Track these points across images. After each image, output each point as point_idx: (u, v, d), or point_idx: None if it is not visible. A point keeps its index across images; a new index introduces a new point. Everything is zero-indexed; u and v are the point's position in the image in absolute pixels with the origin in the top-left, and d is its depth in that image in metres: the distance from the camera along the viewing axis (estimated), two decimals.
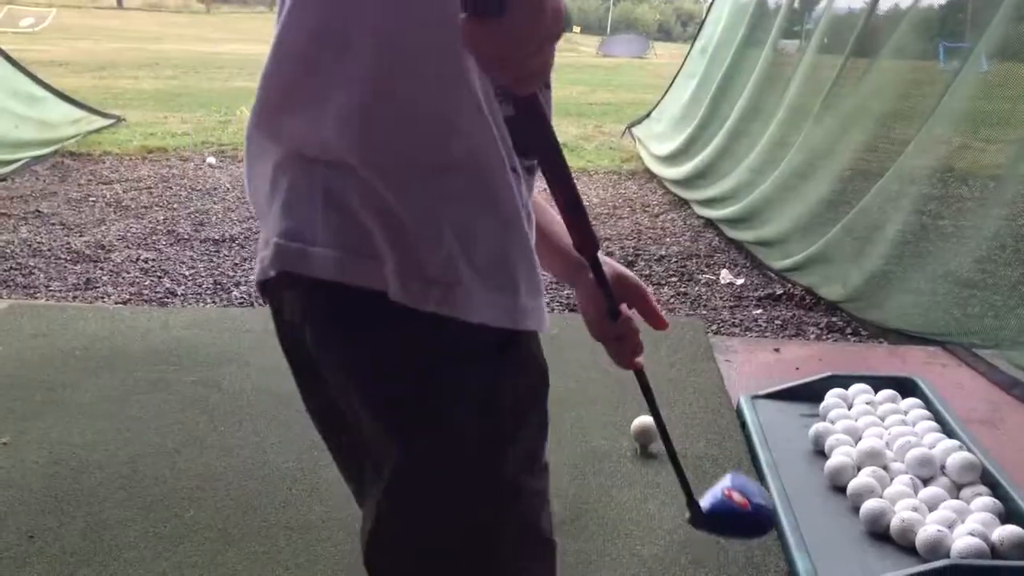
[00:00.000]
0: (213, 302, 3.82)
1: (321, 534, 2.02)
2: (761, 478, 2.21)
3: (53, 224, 4.93)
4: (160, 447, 2.39)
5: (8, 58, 7.39)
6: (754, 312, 3.82)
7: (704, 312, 3.81)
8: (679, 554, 1.95)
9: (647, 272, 4.38)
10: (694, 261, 4.61)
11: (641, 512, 2.12)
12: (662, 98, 8.49)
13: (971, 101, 3.73)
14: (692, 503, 1.20)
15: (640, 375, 1.26)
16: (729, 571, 1.89)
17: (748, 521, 1.24)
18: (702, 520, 1.20)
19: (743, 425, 2.51)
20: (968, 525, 1.85)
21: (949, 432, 2.27)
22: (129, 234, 4.79)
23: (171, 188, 6.01)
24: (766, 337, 3.52)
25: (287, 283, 0.98)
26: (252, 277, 4.09)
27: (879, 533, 1.94)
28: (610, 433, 2.51)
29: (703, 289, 4.14)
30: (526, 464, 1.07)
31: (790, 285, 4.05)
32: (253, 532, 2.02)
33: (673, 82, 8.31)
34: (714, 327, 3.60)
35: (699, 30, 8.15)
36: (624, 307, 1.20)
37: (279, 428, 2.51)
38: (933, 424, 2.32)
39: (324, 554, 1.95)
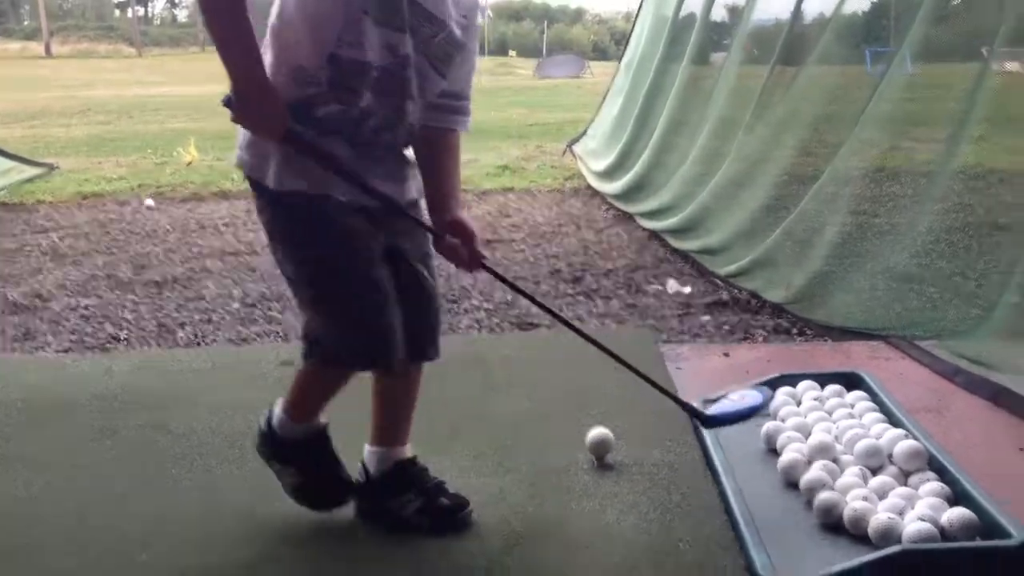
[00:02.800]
0: (158, 345, 3.76)
1: (279, 570, 1.99)
2: (717, 479, 2.24)
3: None
4: (109, 494, 2.34)
5: None
6: (702, 319, 3.86)
7: (653, 322, 3.84)
8: (639, 560, 1.95)
9: (595, 286, 4.41)
10: (641, 273, 4.65)
11: (600, 523, 2.12)
12: (595, 115, 8.59)
13: (898, 103, 3.85)
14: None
15: (488, 270, 2.22)
16: (689, 572, 1.90)
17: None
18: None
19: (696, 429, 2.53)
20: (917, 510, 1.89)
21: (895, 422, 2.31)
22: (68, 282, 4.70)
23: (109, 233, 5.91)
24: (715, 343, 3.56)
25: None
26: (197, 318, 4.05)
27: (833, 524, 1.97)
28: (566, 449, 2.51)
29: (651, 300, 4.18)
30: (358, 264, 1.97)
31: (736, 290, 4.11)
32: (208, 572, 1.98)
33: (604, 99, 8.42)
34: (664, 336, 3.63)
35: (625, 46, 8.28)
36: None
37: (230, 466, 2.47)
38: (879, 415, 2.37)
39: None
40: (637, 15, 7.96)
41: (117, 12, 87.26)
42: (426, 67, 1.91)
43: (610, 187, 6.53)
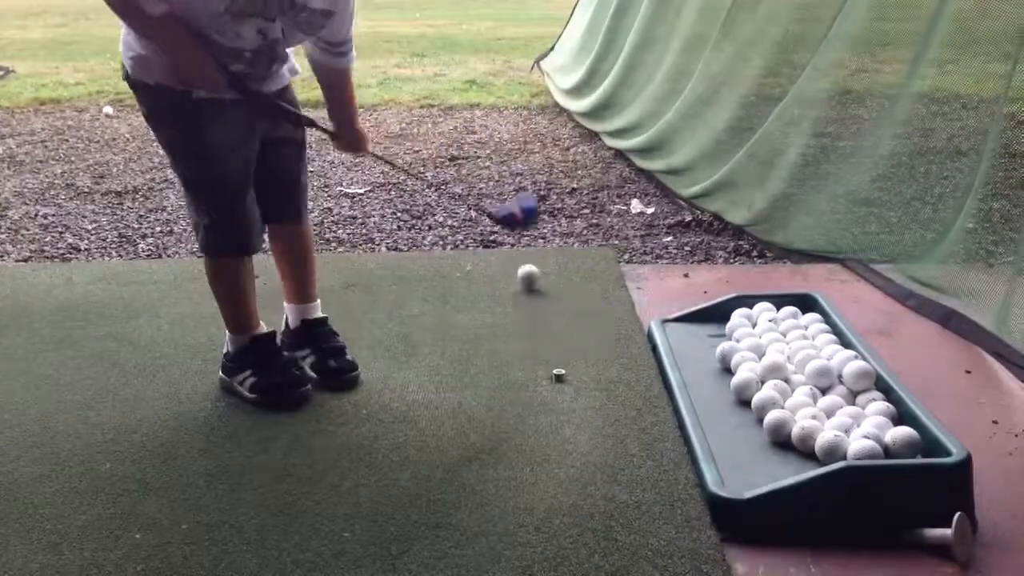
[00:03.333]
0: (119, 255, 3.73)
1: (242, 478, 2.03)
2: (672, 397, 2.29)
3: None
4: (71, 403, 2.35)
5: None
6: (664, 240, 3.89)
7: (616, 242, 3.87)
8: (595, 474, 2.02)
9: (560, 205, 4.42)
10: (605, 192, 4.66)
11: (558, 437, 2.18)
12: (563, 31, 8.45)
13: (865, 22, 3.81)
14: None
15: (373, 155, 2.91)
16: (643, 486, 1.96)
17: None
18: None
19: (654, 348, 2.59)
20: (863, 429, 1.95)
21: (846, 344, 2.37)
22: (26, 190, 4.62)
23: (67, 141, 5.79)
24: (676, 264, 3.60)
25: None
26: (158, 229, 4.02)
27: (782, 442, 2.03)
28: (526, 364, 2.56)
29: (615, 220, 4.20)
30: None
31: (698, 212, 4.14)
32: (172, 481, 2.02)
33: (572, 13, 8.28)
34: (626, 256, 3.67)
35: None
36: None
37: (193, 378, 2.49)
38: (832, 337, 2.43)
39: (245, 498, 1.96)
40: None
41: None
42: (296, 36, 2.28)
43: (577, 104, 6.47)
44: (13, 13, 17.44)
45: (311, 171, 5.05)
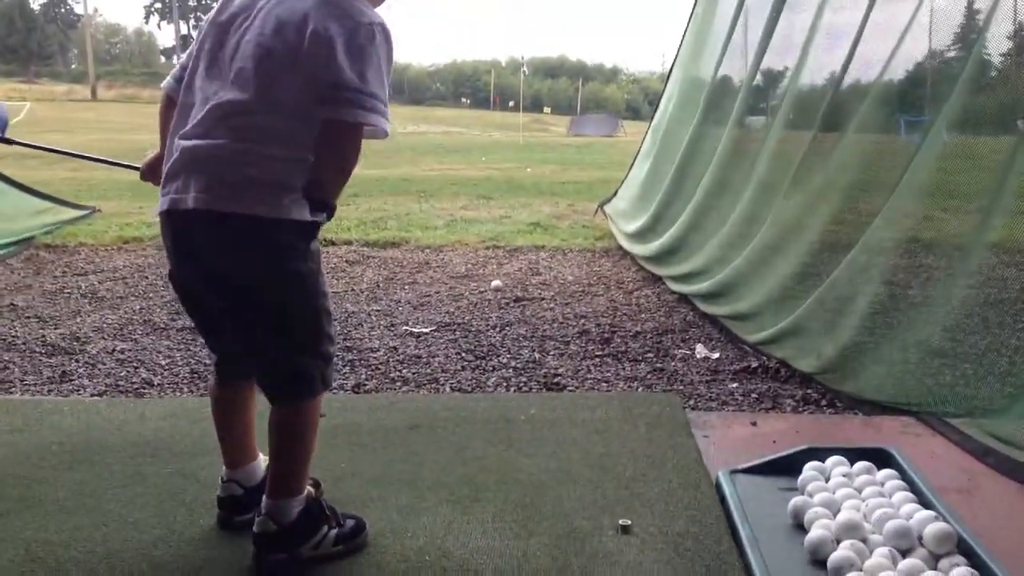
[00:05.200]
0: (190, 391, 3.81)
1: None
2: (742, 553, 2.22)
3: (28, 317, 4.92)
4: (138, 542, 2.36)
5: None
6: (730, 386, 3.85)
7: (681, 387, 3.84)
8: None
9: (624, 348, 4.42)
10: (669, 336, 4.66)
11: None
12: (625, 176, 8.66)
13: (933, 173, 3.84)
14: None
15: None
16: None
17: None
18: None
19: (722, 500, 2.52)
20: None
21: (925, 503, 2.29)
22: (105, 325, 4.78)
23: (147, 278, 6.02)
24: (743, 411, 3.55)
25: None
26: None
27: None
28: (591, 513, 2.51)
29: (679, 364, 4.18)
30: None
31: (765, 358, 4.10)
32: None
33: (633, 162, 8.49)
34: (691, 402, 3.63)
35: (654, 110, 8.35)
36: None
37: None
38: (909, 495, 2.34)
39: None
40: (667, 80, 8.03)
41: (163, 58, 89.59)
42: None
43: (641, 248, 6.55)
44: (100, 154, 18.47)
45: (377, 309, 5.17)
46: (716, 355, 4.27)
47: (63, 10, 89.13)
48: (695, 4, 7.00)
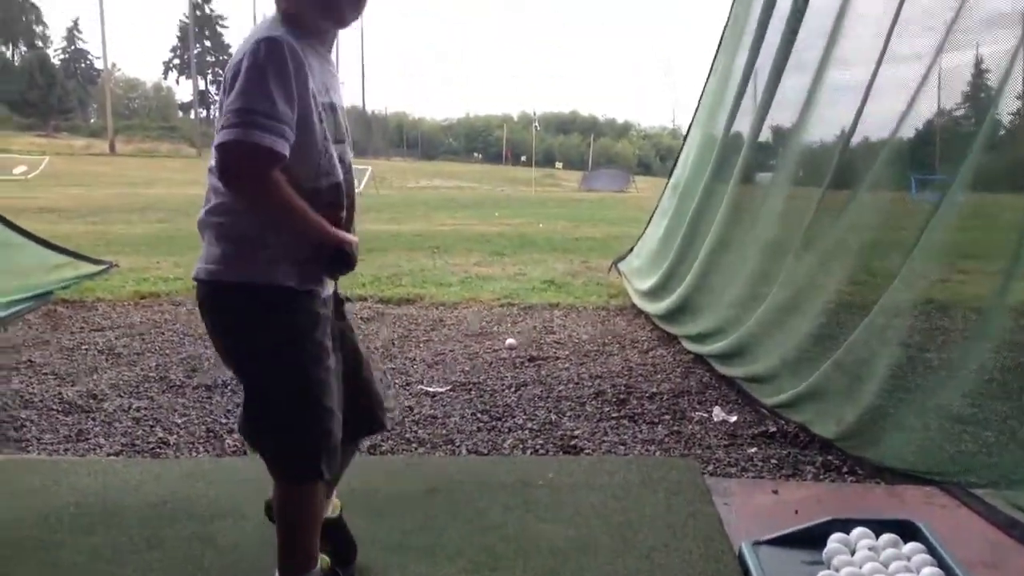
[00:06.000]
0: (206, 451, 3.80)
1: None
2: None
3: (45, 374, 4.94)
4: None
5: None
6: (749, 451, 3.82)
7: (699, 451, 3.81)
8: None
9: (640, 410, 4.40)
10: (686, 398, 4.63)
11: None
12: (642, 234, 8.69)
13: (950, 233, 3.83)
14: None
15: None
16: None
17: None
18: None
19: (746, 573, 2.49)
20: None
21: None
22: (121, 382, 4.79)
23: (164, 334, 6.04)
24: (763, 477, 3.51)
25: None
26: None
27: None
28: None
29: (697, 427, 4.15)
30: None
31: (783, 422, 4.07)
32: None
33: (650, 219, 8.52)
34: (710, 467, 3.60)
35: (672, 167, 8.39)
36: None
37: None
38: (937, 570, 2.31)
39: None
40: (686, 137, 8.09)
41: (180, 113, 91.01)
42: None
43: (654, 307, 6.55)
44: (119, 209, 18.70)
45: (392, 368, 5.17)
46: (734, 418, 4.24)
47: (83, 65, 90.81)
48: (713, 61, 7.08)
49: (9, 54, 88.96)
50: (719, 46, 6.99)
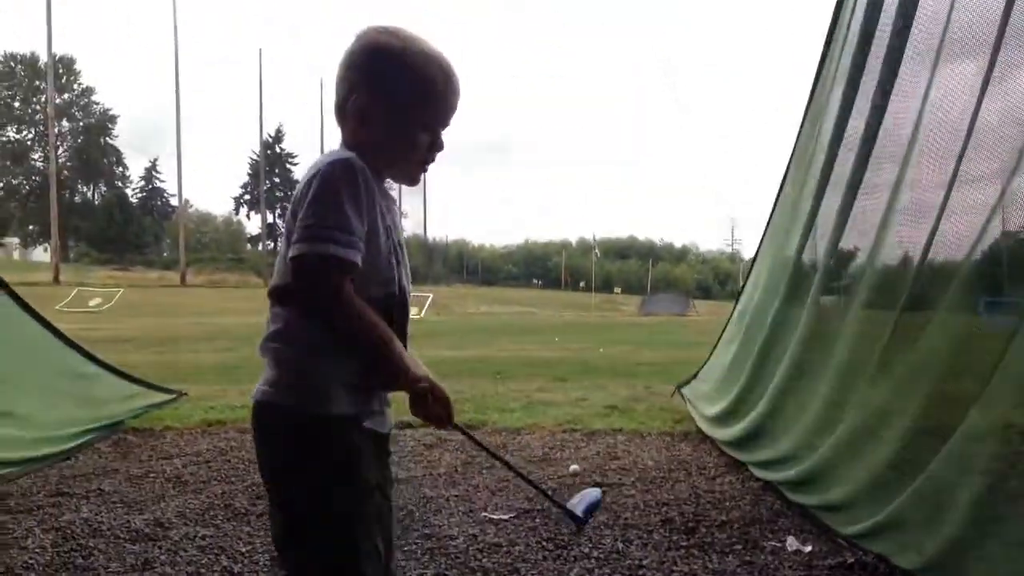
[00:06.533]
0: None
1: None
2: None
3: (114, 502, 4.99)
4: None
5: (69, 341, 7.44)
6: None
7: None
8: None
9: (709, 539, 4.27)
10: (757, 527, 4.49)
11: None
12: (708, 359, 8.61)
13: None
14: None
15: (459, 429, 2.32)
16: None
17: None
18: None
19: None
20: None
21: None
22: (187, 510, 4.82)
23: (230, 461, 6.09)
24: None
25: None
26: None
27: None
28: None
29: (770, 557, 4.01)
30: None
31: (861, 552, 3.91)
32: None
33: (716, 345, 8.44)
34: None
35: (738, 296, 8.36)
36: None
37: None
38: None
39: None
40: (752, 264, 8.09)
41: (248, 246, 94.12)
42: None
43: (722, 433, 6.43)
44: (188, 339, 19.17)
45: (456, 495, 5.13)
46: (808, 548, 4.09)
47: (159, 203, 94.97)
48: (781, 188, 7.14)
49: (90, 193, 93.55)
50: (785, 175, 7.07)
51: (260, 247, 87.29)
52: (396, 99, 2.08)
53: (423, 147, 2.14)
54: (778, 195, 7.27)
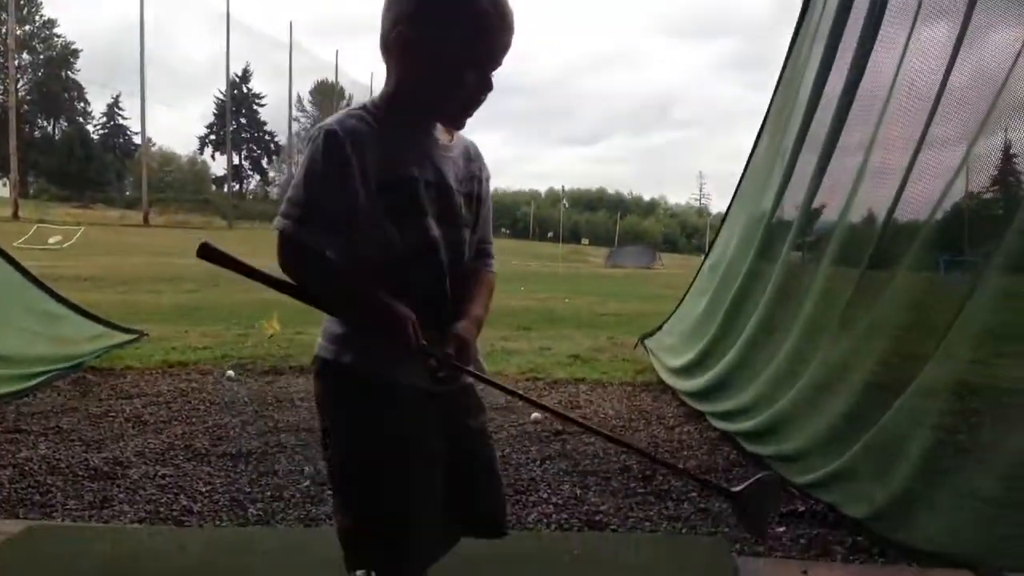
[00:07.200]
0: (230, 520, 3.78)
1: None
2: None
3: (72, 440, 4.97)
4: None
5: (31, 277, 7.43)
6: (777, 530, 3.75)
7: (727, 530, 3.75)
8: None
9: (666, 487, 4.34)
10: (712, 476, 4.57)
11: None
12: (674, 311, 8.67)
13: (982, 314, 3.80)
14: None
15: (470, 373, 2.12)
16: None
17: None
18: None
19: None
20: None
21: None
22: (147, 450, 4.81)
23: (190, 402, 6.08)
24: (792, 557, 3.44)
25: None
26: (268, 494, 4.06)
27: None
28: None
29: (724, 505, 4.08)
30: None
31: (813, 502, 4.00)
32: None
33: (683, 297, 8.51)
34: (738, 546, 3.54)
35: (709, 248, 8.40)
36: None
37: None
38: None
39: None
40: (725, 217, 8.11)
41: (214, 187, 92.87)
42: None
43: (685, 384, 6.51)
44: (150, 279, 18.96)
45: None
46: None
47: (121, 140, 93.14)
48: (756, 142, 7.15)
49: (50, 128, 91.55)
50: (762, 127, 7.07)
51: (225, 188, 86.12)
52: (442, 33, 1.96)
53: (470, 87, 2.02)
54: (752, 152, 7.29)
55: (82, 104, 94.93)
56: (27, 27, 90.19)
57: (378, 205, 1.98)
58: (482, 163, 2.23)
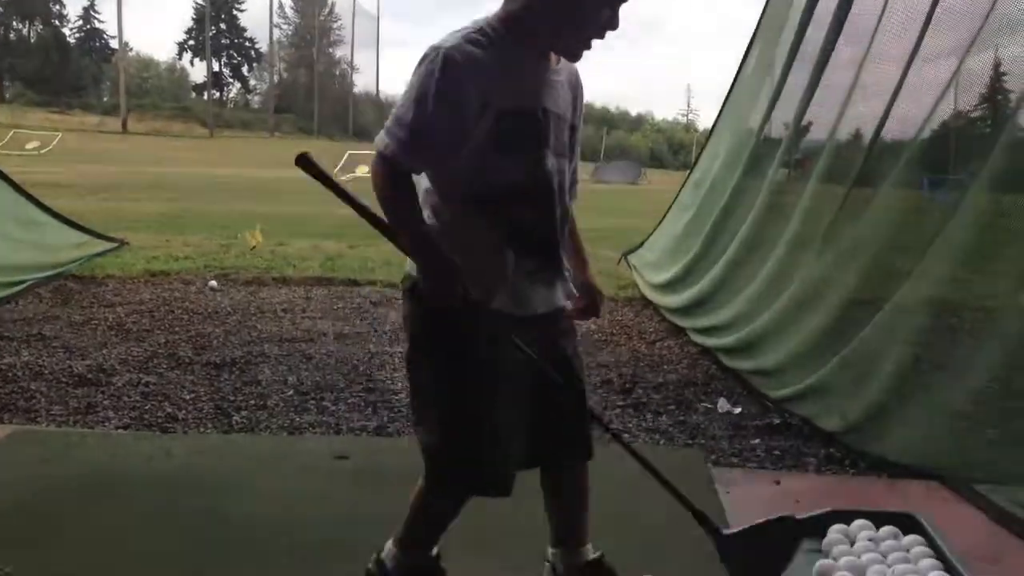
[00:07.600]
0: (214, 427, 3.83)
1: None
2: None
3: (55, 347, 4.98)
4: None
5: (13, 184, 7.38)
6: (752, 442, 3.83)
7: (703, 442, 3.83)
8: None
9: (645, 400, 4.41)
10: (691, 389, 4.64)
11: None
12: (656, 227, 8.68)
13: (963, 232, 3.83)
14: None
15: None
16: None
17: None
18: None
19: None
20: None
21: (951, 570, 2.26)
22: (130, 358, 4.83)
23: (173, 312, 6.08)
24: (765, 468, 3.53)
25: None
26: (252, 403, 4.10)
27: None
28: (615, 567, 2.50)
29: (701, 418, 4.17)
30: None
31: (788, 415, 4.08)
32: None
33: (666, 213, 8.50)
34: (713, 457, 3.62)
35: (694, 164, 8.35)
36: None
37: (286, 558, 2.50)
38: (935, 562, 2.32)
39: None
40: (711, 132, 8.05)
41: (193, 94, 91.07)
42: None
43: (667, 300, 6.56)
44: (130, 187, 18.74)
45: (399, 351, 5.19)
46: (738, 410, 4.25)
47: (98, 44, 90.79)
48: (745, 56, 7.05)
49: (25, 31, 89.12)
50: (752, 40, 6.96)
51: (205, 96, 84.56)
52: None
53: (603, 23, 1.95)
54: (740, 66, 7.20)
55: (57, 7, 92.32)
56: None
57: (492, 135, 1.93)
58: (582, 90, 2.18)
